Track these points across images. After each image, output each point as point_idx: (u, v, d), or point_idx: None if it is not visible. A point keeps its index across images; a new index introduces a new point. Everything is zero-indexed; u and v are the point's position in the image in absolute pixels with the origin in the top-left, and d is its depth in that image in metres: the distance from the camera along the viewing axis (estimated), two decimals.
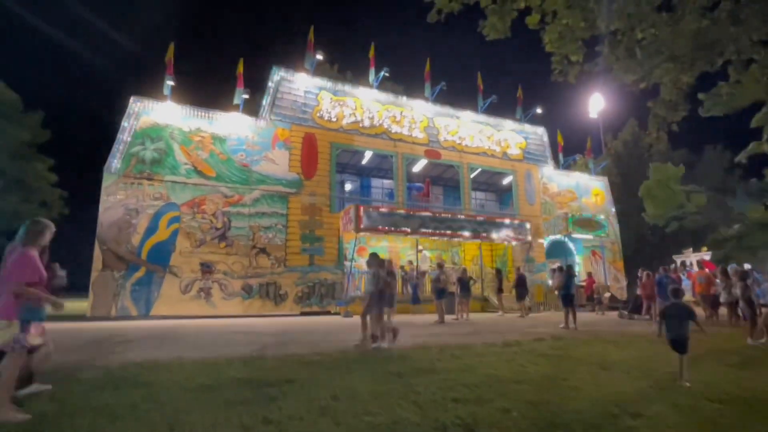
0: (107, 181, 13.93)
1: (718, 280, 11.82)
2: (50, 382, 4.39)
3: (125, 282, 13.51)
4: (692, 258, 23.46)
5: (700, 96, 5.26)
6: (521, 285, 15.20)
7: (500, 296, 15.90)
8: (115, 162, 14.11)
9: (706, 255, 23.06)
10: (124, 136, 14.38)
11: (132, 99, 14.77)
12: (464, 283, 13.54)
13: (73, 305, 25.27)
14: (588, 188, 24.71)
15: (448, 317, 12.71)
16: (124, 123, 14.48)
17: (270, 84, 17.21)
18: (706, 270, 13.78)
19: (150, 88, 16.82)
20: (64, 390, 4.23)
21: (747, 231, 20.04)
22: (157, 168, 14.59)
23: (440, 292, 12.68)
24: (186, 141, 15.19)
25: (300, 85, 17.72)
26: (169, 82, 15.53)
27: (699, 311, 14.53)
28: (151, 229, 14.14)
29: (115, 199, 13.91)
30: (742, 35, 4.50)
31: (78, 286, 17.88)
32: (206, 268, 14.55)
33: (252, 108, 17.82)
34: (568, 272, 11.59)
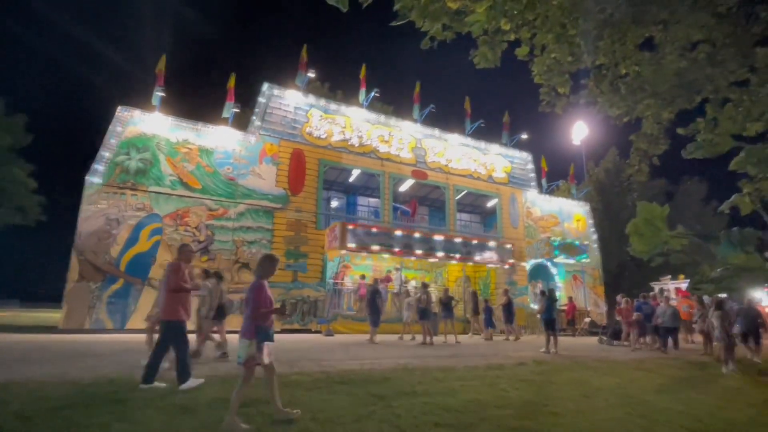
0: (89, 190, 13.66)
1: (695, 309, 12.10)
2: (16, 399, 4.23)
3: (101, 293, 13.14)
4: (670, 285, 23.91)
5: (679, 131, 5.47)
6: (509, 308, 15.26)
7: (476, 318, 16.02)
8: (98, 170, 13.88)
9: (683, 283, 23.55)
10: (109, 144, 14.19)
11: (119, 108, 14.63)
12: (446, 304, 13.52)
13: (44, 316, 24.42)
14: (570, 214, 25.14)
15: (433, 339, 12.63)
16: (110, 131, 14.30)
17: (261, 99, 17.26)
18: (687, 298, 14.11)
19: (139, 98, 16.69)
20: (31, 408, 4.07)
21: (729, 274, 21.21)
22: (141, 178, 14.39)
23: (423, 312, 12.62)
24: (172, 152, 15.06)
25: (290, 101, 17.81)
26: (159, 93, 15.47)
27: (681, 337, 14.79)
28: (132, 240, 13.85)
29: (96, 208, 13.63)
30: (719, 76, 4.73)
31: (50, 297, 17.37)
32: None
33: (241, 122, 17.82)
34: (550, 296, 11.71)
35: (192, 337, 7.14)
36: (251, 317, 3.84)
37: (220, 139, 15.98)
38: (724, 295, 14.94)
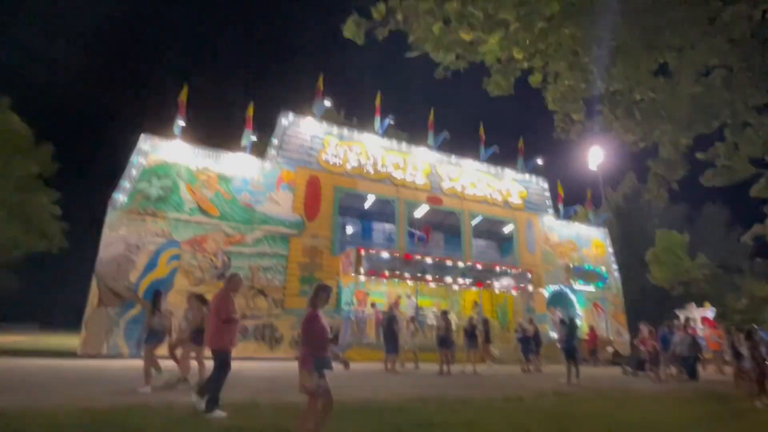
0: (111, 216, 13.99)
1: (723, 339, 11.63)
2: (32, 426, 4.24)
3: (119, 319, 13.27)
4: (696, 313, 23.10)
5: (698, 156, 5.41)
6: (537, 338, 14.69)
7: (488, 347, 15.20)
8: (120, 197, 14.25)
9: (709, 311, 22.73)
10: (131, 172, 14.60)
11: (142, 136, 15.12)
12: (471, 333, 13.22)
13: (63, 341, 24.73)
14: (588, 239, 24.73)
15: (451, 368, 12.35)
16: (133, 159, 14.74)
17: (278, 127, 17.67)
18: (716, 328, 13.63)
19: (161, 126, 17.24)
20: None
21: (754, 306, 20.92)
22: (161, 205, 14.71)
23: (442, 340, 12.35)
24: (192, 179, 15.41)
25: (307, 129, 18.19)
26: (181, 122, 15.95)
27: (712, 368, 14.16)
28: (151, 266, 14.06)
29: (117, 235, 13.92)
30: (736, 100, 4.69)
31: (69, 322, 17.57)
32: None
33: (259, 150, 18.19)
34: (570, 324, 11.40)
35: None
36: (308, 348, 3.92)
37: (239, 166, 16.32)
38: (753, 325, 14.36)
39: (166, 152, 15.32)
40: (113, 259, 13.65)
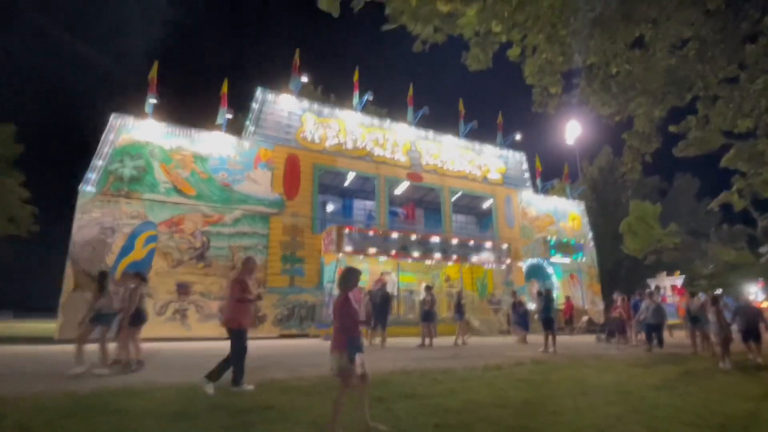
0: (83, 199, 13.59)
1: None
2: (14, 411, 4.19)
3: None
4: (666, 282, 24.04)
5: (671, 128, 5.52)
6: (519, 312, 14.97)
7: (461, 322, 15.46)
8: (92, 179, 13.82)
9: (678, 279, 23.67)
10: (102, 153, 14.13)
11: (112, 116, 14.59)
12: (459, 307, 13.51)
13: (39, 326, 24.24)
14: (565, 213, 25.26)
15: (439, 340, 12.64)
16: (104, 140, 14.25)
17: (254, 104, 17.27)
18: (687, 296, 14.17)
19: (132, 106, 16.68)
20: (29, 418, 4.03)
21: (721, 271, 21.79)
22: (135, 186, 14.34)
23: (426, 314, 12.60)
24: (166, 159, 15.02)
25: (284, 106, 17.83)
26: (152, 100, 15.44)
27: (681, 334, 14.83)
28: (127, 249, 13.79)
29: (90, 218, 13.56)
30: (709, 73, 4.78)
31: (45, 307, 17.21)
32: (183, 289, 14.21)
33: (235, 128, 17.81)
34: (547, 296, 11.74)
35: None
36: (341, 330, 3.92)
37: (214, 145, 15.96)
38: (719, 291, 14.97)
39: (138, 131, 14.85)
40: (87, 242, 13.33)
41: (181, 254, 14.50)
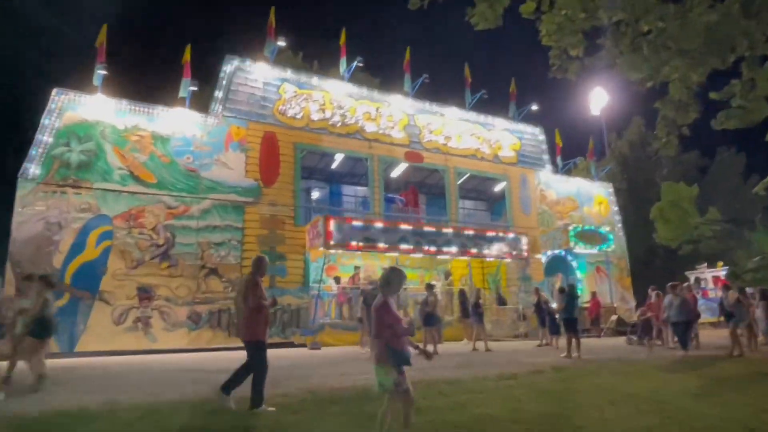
0: (23, 190, 13.49)
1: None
2: None
3: None
4: (707, 274, 24.30)
5: (712, 95, 5.52)
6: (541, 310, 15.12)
7: (466, 323, 15.50)
8: (32, 167, 13.71)
9: (721, 271, 23.91)
10: (44, 135, 14.00)
11: (55, 91, 14.42)
12: (477, 307, 13.66)
13: None
14: (590, 196, 25.38)
15: (438, 348, 12.73)
16: (45, 120, 14.10)
17: (222, 74, 17.11)
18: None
19: (78, 79, 16.47)
20: None
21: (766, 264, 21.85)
22: (84, 173, 14.24)
23: (428, 317, 12.64)
24: (121, 141, 14.91)
25: (258, 76, 17.68)
26: (101, 71, 15.26)
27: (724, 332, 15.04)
28: (78, 247, 13.74)
29: (33, 211, 13.48)
30: (755, 30, 4.77)
31: None
32: (145, 294, 14.22)
33: (201, 103, 17.66)
34: (570, 293, 11.83)
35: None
36: (381, 339, 3.90)
37: (177, 123, 15.85)
38: None
39: (86, 109, 14.70)
40: (29, 240, 13.27)
41: (142, 253, 14.47)
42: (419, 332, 12.89)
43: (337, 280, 17.70)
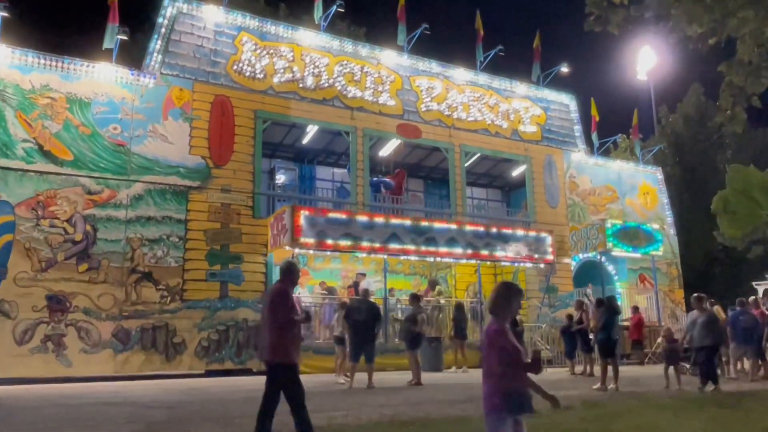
0: None
1: None
2: None
3: None
4: None
5: None
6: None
7: (462, 344, 16.27)
8: None
9: None
10: None
11: None
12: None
13: None
14: (634, 184, 25.56)
15: (428, 375, 12.85)
16: None
17: (161, 19, 16.91)
18: None
19: None
20: None
21: None
22: None
23: (415, 339, 12.78)
24: (26, 105, 14.72)
25: (208, 22, 17.51)
26: (1, 13, 15.02)
27: None
28: None
29: None
30: None
31: None
32: (57, 305, 14.09)
33: (132, 57, 17.48)
34: (609, 307, 11.91)
35: None
36: (494, 377, 3.71)
37: (101, 82, 15.68)
38: None
39: None
40: None
41: (53, 251, 14.32)
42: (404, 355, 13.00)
43: (332, 291, 17.72)
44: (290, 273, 6.28)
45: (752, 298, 15.70)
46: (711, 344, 11.11)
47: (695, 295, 12.04)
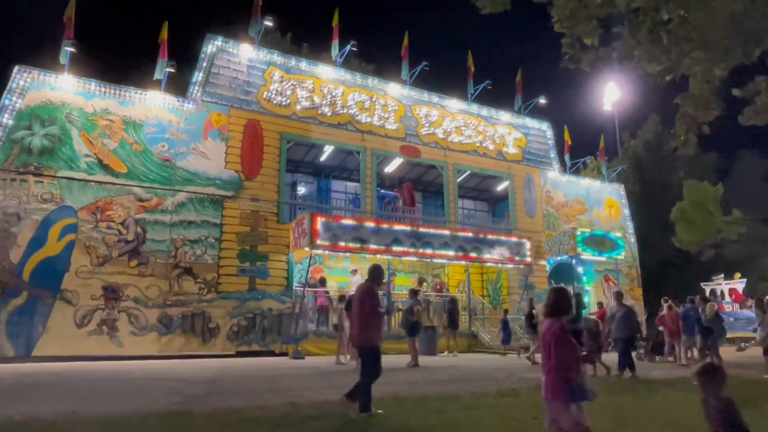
0: None
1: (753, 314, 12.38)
2: None
3: None
4: (724, 286, 24.54)
5: (735, 92, 5.55)
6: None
7: (454, 333, 16.24)
8: None
9: (739, 283, 24.18)
10: (3, 117, 13.86)
11: (16, 69, 14.27)
12: (531, 319, 14.01)
13: None
14: (601, 198, 25.51)
15: (424, 358, 12.80)
16: (5, 100, 13.96)
17: (203, 56, 17.01)
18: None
19: (42, 56, 16.30)
20: None
21: None
22: (48, 160, 14.12)
23: (414, 327, 12.76)
24: (88, 126, 14.79)
25: (242, 58, 17.61)
26: (69, 48, 15.12)
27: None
28: (38, 241, 13.61)
29: None
30: None
31: None
32: (111, 294, 14.11)
33: (178, 86, 17.58)
34: (576, 302, 11.87)
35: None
36: (558, 370, 3.64)
37: (151, 107, 15.76)
38: None
39: (51, 89, 14.57)
40: None
41: (109, 249, 14.36)
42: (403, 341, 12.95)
43: (322, 282, 17.61)
44: (376, 274, 6.63)
45: (699, 296, 15.59)
46: (627, 336, 10.91)
47: (615, 290, 11.98)
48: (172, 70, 16.85)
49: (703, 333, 11.81)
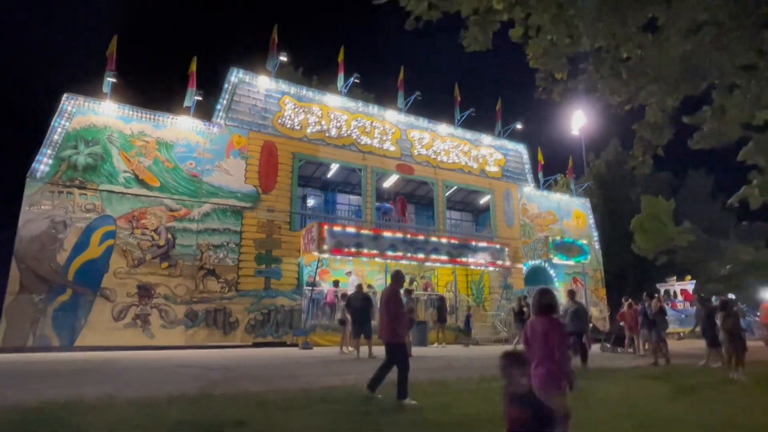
0: (30, 189, 13.34)
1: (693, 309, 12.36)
2: None
3: (46, 307, 12.84)
4: (677, 287, 24.51)
5: (685, 120, 5.62)
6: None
7: (442, 327, 16.26)
8: (41, 167, 13.56)
9: (689, 284, 24.15)
10: (53, 137, 13.87)
11: (65, 96, 14.32)
12: (520, 314, 13.84)
13: None
14: (569, 210, 25.55)
15: (416, 349, 12.73)
16: (55, 123, 13.99)
17: (226, 85, 17.09)
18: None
19: (88, 85, 16.37)
20: None
21: (738, 272, 22.24)
22: (91, 175, 14.12)
23: (410, 323, 12.70)
24: (127, 146, 14.81)
25: (260, 88, 17.68)
26: (110, 79, 15.17)
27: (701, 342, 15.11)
28: (81, 246, 13.58)
29: (39, 210, 13.31)
30: (725, 60, 4.87)
31: None
32: (144, 292, 14.06)
33: (205, 112, 17.61)
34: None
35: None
36: (556, 363, 3.50)
37: (181, 130, 15.78)
38: (731, 296, 15.25)
39: (94, 114, 14.61)
40: (35, 237, 13.10)
41: (143, 253, 14.33)
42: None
43: (335, 284, 17.56)
44: (398, 278, 6.67)
45: (656, 295, 15.57)
46: (577, 330, 10.77)
47: (569, 289, 11.88)
48: (200, 98, 16.90)
49: (648, 326, 11.80)
